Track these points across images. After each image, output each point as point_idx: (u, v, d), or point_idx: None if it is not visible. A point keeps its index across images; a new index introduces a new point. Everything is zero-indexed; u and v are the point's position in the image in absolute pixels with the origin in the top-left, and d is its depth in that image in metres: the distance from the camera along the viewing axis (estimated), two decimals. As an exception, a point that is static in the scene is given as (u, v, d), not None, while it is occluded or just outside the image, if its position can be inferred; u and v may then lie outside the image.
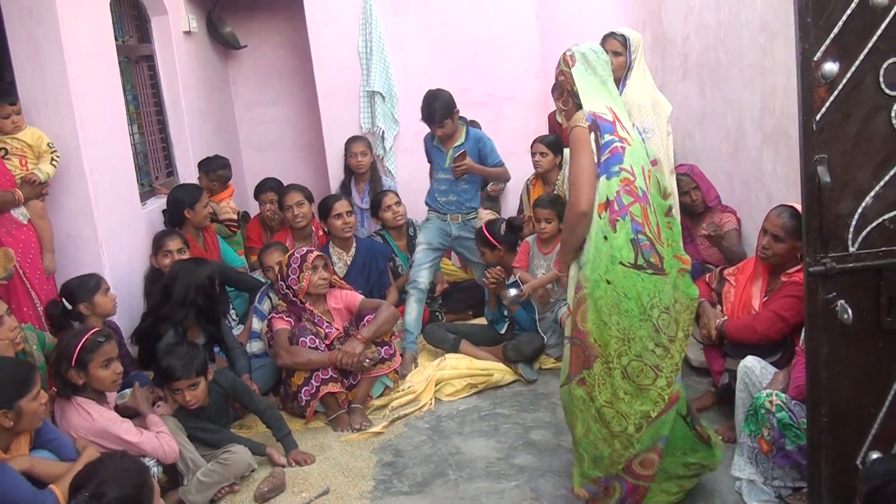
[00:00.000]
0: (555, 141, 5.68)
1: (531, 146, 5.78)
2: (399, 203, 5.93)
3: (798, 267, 3.83)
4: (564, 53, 3.40)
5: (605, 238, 3.10)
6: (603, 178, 3.13)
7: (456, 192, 5.45)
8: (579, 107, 3.30)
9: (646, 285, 3.14)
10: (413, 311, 5.28)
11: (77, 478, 2.80)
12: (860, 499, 2.38)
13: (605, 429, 3.19)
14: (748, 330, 3.91)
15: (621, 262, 3.11)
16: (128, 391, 3.90)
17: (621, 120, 3.26)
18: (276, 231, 6.11)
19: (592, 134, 3.18)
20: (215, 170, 6.20)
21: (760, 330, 3.84)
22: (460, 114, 5.35)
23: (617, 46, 4.16)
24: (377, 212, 5.98)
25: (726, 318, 4.07)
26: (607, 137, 3.17)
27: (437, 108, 5.23)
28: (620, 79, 4.16)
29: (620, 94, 4.02)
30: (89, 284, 4.30)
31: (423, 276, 5.36)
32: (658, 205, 3.24)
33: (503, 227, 5.20)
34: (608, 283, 3.09)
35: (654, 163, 3.34)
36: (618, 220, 3.11)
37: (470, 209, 5.52)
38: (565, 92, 3.41)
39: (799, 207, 3.72)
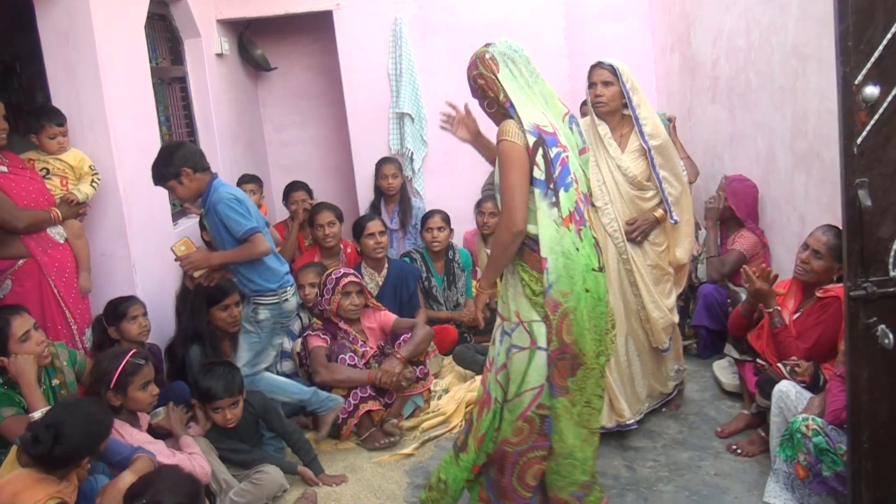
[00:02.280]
0: None
1: None
2: (442, 230, 5.87)
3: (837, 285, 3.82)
4: (482, 55, 3.17)
5: (577, 249, 3.11)
6: (561, 191, 3.09)
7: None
8: (504, 115, 3.15)
9: (604, 284, 3.22)
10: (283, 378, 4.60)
11: (134, 486, 2.91)
12: None
13: (584, 429, 3.22)
14: (793, 349, 3.91)
15: (592, 269, 3.15)
16: (161, 410, 3.92)
17: (555, 125, 3.17)
18: (296, 222, 6.12)
19: (540, 149, 3.05)
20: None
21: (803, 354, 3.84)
22: None
23: (606, 76, 4.15)
24: (422, 229, 6.01)
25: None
26: (554, 150, 3.09)
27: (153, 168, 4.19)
28: (618, 108, 4.18)
29: (638, 126, 4.11)
30: (118, 310, 4.36)
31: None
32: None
33: None
34: (587, 291, 3.12)
35: (584, 150, 3.34)
36: (581, 229, 3.15)
37: (254, 292, 4.25)
38: (487, 97, 3.20)
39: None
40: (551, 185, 3.08)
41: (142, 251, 4.87)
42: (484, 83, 3.18)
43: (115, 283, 4.76)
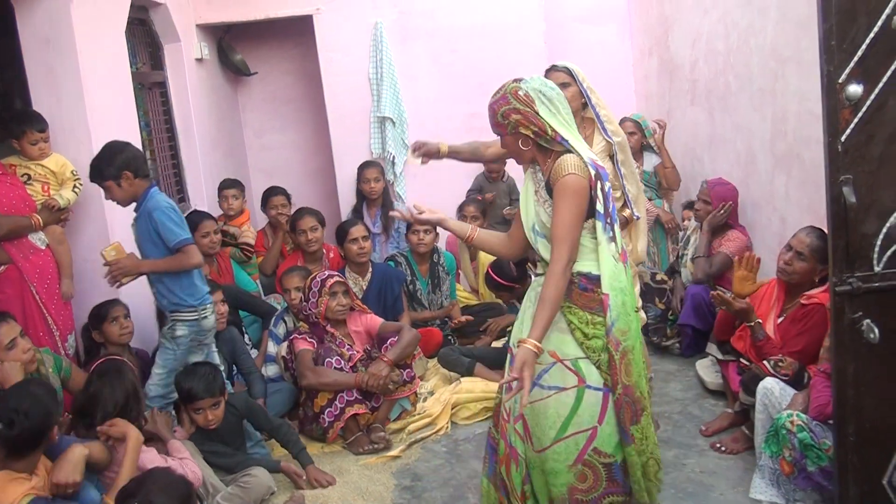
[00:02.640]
0: None
1: None
2: (428, 232, 5.84)
3: (822, 288, 3.87)
4: (514, 91, 2.93)
5: (627, 287, 3.01)
6: (616, 226, 3.00)
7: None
8: (542, 151, 3.00)
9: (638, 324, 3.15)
10: None
11: (126, 488, 2.90)
12: None
13: (650, 481, 3.11)
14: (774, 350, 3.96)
15: (635, 308, 3.10)
16: (146, 413, 3.89)
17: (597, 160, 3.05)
18: (281, 231, 6.12)
19: (598, 182, 2.92)
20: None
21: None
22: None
23: (563, 78, 4.04)
24: (407, 232, 6.00)
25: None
26: (607, 185, 2.97)
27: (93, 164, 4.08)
28: (578, 109, 4.09)
29: (601, 123, 4.13)
30: (100, 313, 4.38)
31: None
32: None
33: (510, 264, 5.23)
34: (634, 330, 3.02)
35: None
36: (626, 266, 3.05)
37: (173, 305, 4.16)
38: (519, 134, 2.97)
39: (825, 230, 3.82)
40: (608, 220, 2.95)
41: (125, 257, 4.83)
42: (521, 118, 2.93)
43: (98, 289, 4.71)
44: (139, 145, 5.35)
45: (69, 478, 3.07)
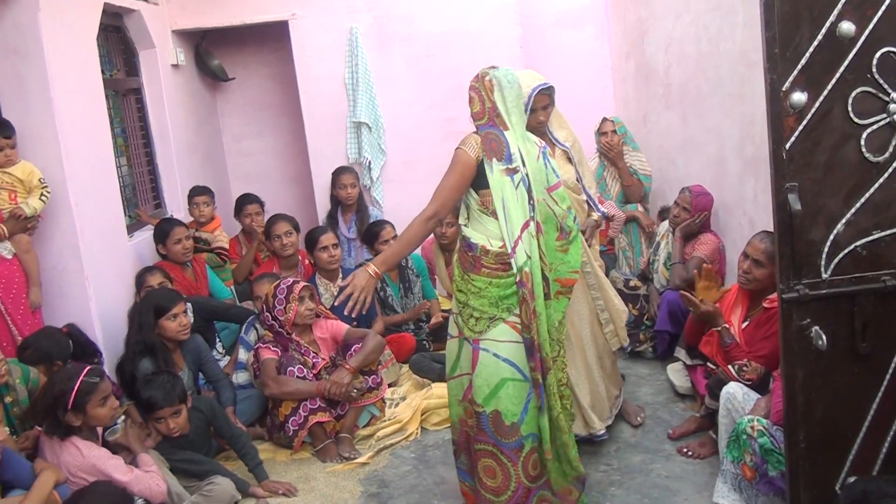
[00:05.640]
0: None
1: None
2: (396, 236, 5.88)
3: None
4: (484, 76, 3.38)
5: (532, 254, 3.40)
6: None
7: None
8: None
9: None
10: None
11: (66, 501, 2.94)
12: None
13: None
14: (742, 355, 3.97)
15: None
16: (119, 426, 3.88)
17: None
18: (256, 240, 6.11)
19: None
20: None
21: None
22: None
23: (547, 101, 4.15)
24: (374, 243, 5.94)
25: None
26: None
27: None
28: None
29: (551, 135, 4.23)
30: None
31: None
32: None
33: None
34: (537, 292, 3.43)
35: (556, 186, 3.49)
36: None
37: None
38: (472, 109, 3.43)
39: None
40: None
41: (95, 265, 4.83)
42: (475, 96, 3.40)
43: (68, 298, 4.73)
44: (112, 152, 5.35)
45: None
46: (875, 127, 2.61)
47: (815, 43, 2.53)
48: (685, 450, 4.14)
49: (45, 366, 3.98)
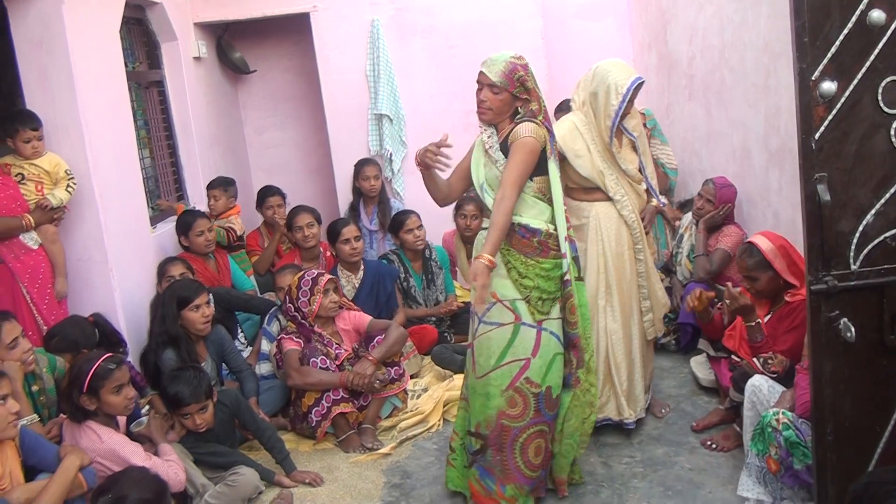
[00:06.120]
0: None
1: None
2: (421, 227, 5.87)
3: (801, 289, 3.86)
4: (526, 65, 3.58)
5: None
6: None
7: None
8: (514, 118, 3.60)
9: None
10: None
11: (101, 485, 2.98)
12: None
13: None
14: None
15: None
16: (144, 419, 3.92)
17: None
18: (278, 232, 6.13)
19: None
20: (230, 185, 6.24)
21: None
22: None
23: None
24: (398, 231, 5.93)
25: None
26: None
27: None
28: None
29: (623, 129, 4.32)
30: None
31: None
32: None
33: None
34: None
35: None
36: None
37: None
38: (519, 98, 3.56)
39: (760, 241, 3.96)
40: None
41: (119, 256, 4.87)
42: (533, 87, 3.57)
43: (93, 288, 4.76)
44: (135, 144, 5.38)
45: None
46: (905, 117, 2.58)
47: (845, 31, 2.49)
48: (709, 442, 4.12)
49: (72, 354, 4.02)
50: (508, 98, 3.53)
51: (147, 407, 4.22)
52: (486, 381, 3.57)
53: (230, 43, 7.43)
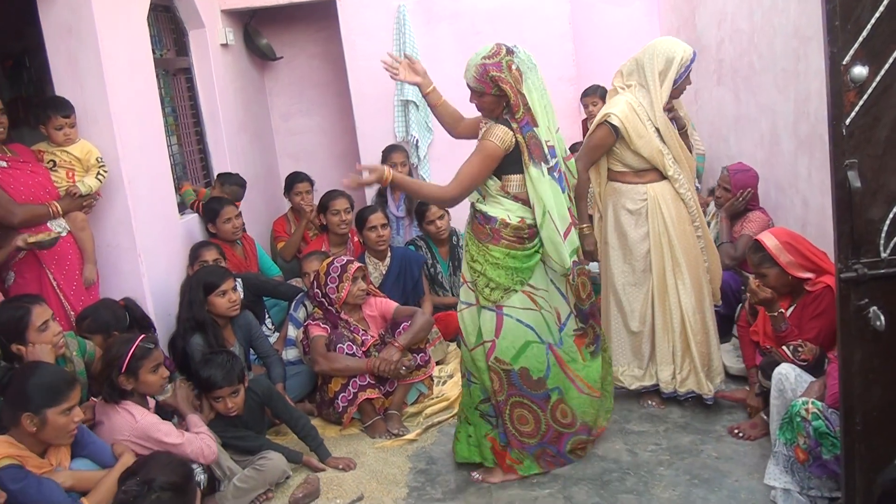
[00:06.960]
0: None
1: None
2: (443, 217, 5.90)
3: (822, 276, 3.83)
4: (509, 64, 3.60)
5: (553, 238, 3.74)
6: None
7: None
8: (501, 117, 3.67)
9: None
10: None
11: (129, 468, 3.03)
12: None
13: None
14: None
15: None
16: (168, 387, 3.97)
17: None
18: (304, 218, 6.16)
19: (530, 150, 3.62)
20: (230, 184, 6.18)
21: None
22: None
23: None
24: (421, 223, 5.99)
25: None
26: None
27: None
28: None
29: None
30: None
31: None
32: None
33: None
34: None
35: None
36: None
37: None
38: (492, 97, 3.64)
39: (766, 238, 3.93)
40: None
41: (147, 242, 4.91)
42: (509, 88, 3.57)
43: (122, 274, 4.80)
44: (163, 131, 5.41)
45: None
46: (938, 102, 2.54)
47: (877, 15, 2.44)
48: (736, 431, 4.10)
49: (103, 336, 4.07)
50: (491, 98, 3.65)
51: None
52: (474, 355, 3.84)
53: (257, 30, 7.45)
